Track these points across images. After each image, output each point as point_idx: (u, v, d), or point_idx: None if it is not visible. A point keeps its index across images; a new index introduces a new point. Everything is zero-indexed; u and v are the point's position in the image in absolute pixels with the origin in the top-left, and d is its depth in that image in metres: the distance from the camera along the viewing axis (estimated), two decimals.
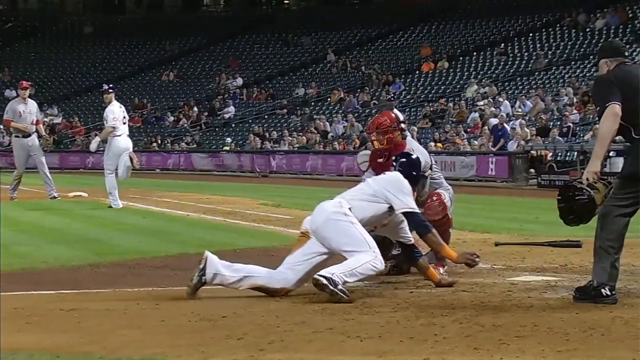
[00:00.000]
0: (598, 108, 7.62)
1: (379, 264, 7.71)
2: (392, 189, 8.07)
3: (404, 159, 8.50)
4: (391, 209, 8.05)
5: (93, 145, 20.18)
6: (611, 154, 24.57)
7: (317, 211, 8.01)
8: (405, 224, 8.21)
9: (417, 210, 8.14)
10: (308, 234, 7.93)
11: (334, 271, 7.51)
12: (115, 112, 17.69)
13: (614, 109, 7.31)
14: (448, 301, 7.51)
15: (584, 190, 7.37)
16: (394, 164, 8.54)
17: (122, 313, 7.01)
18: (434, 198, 8.97)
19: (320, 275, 7.46)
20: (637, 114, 7.36)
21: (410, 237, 8.33)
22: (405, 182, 8.17)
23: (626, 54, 7.95)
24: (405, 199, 8.05)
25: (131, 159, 17.50)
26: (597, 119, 7.82)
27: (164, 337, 6.18)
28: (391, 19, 54.21)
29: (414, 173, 8.35)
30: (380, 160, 8.96)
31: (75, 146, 48.86)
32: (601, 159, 7.43)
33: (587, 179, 7.37)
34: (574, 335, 6.08)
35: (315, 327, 6.45)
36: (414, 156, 8.56)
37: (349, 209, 7.88)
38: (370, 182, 8.28)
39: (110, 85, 18.85)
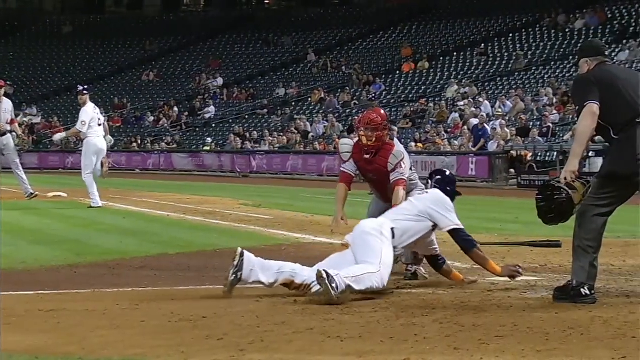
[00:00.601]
0: (577, 107, 7.65)
1: (379, 281, 7.63)
2: (437, 208, 8.13)
3: (439, 177, 8.52)
4: (434, 226, 8.10)
5: (56, 137, 21.71)
6: (590, 154, 24.73)
7: (357, 226, 8.09)
8: (434, 237, 8.25)
9: (461, 226, 8.18)
10: (347, 245, 7.98)
11: (338, 273, 7.51)
12: (88, 114, 17.91)
13: (592, 108, 7.34)
14: (428, 301, 7.52)
15: (562, 190, 7.40)
16: (429, 181, 8.51)
17: (102, 314, 6.99)
18: None
19: (325, 270, 7.46)
20: (615, 113, 7.39)
21: (437, 247, 8.46)
22: (448, 199, 8.26)
23: (606, 53, 8.00)
24: (450, 217, 8.14)
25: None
26: (576, 119, 7.85)
27: (144, 338, 6.16)
28: (372, 19, 54.27)
29: (451, 189, 8.42)
30: (367, 156, 8.89)
31: (55, 146, 48.61)
32: (579, 157, 7.45)
33: (565, 178, 7.40)
34: (553, 335, 6.10)
35: (296, 327, 6.45)
36: (447, 172, 8.58)
37: (392, 229, 7.91)
38: (414, 201, 8.27)
39: (85, 87, 19.12)
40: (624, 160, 7.32)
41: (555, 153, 27.93)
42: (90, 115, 17.90)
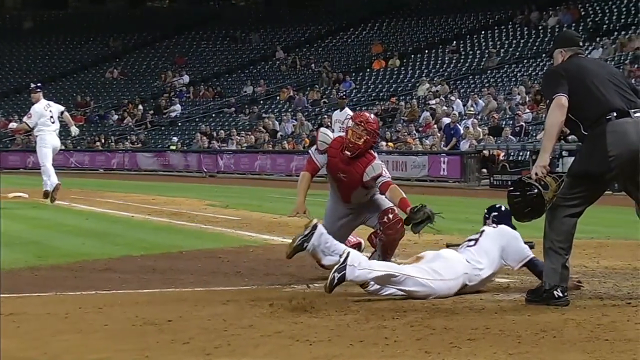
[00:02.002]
0: (547, 100, 7.65)
1: (426, 291, 7.68)
2: (511, 243, 8.11)
3: (496, 213, 8.45)
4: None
5: (11, 125, 24.14)
6: (564, 153, 24.89)
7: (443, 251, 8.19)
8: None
9: (531, 255, 8.13)
10: (422, 258, 8.05)
11: (361, 261, 7.64)
12: (36, 111, 18.75)
13: (560, 101, 7.34)
14: (399, 304, 7.53)
15: (533, 186, 7.39)
16: (487, 215, 8.46)
17: (64, 317, 6.96)
18: (390, 216, 8.84)
19: (348, 257, 7.55)
20: (585, 109, 7.39)
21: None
22: (514, 233, 8.23)
23: (580, 43, 7.96)
24: (522, 250, 8.10)
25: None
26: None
27: (108, 342, 6.14)
28: (342, 16, 54.33)
29: (510, 224, 8.38)
30: (349, 154, 8.79)
31: (15, 145, 48.31)
32: (549, 152, 7.46)
33: (536, 174, 7.40)
34: (525, 338, 6.14)
35: (263, 330, 6.45)
36: (498, 206, 8.51)
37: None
38: (489, 243, 8.13)
39: (38, 85, 20.14)
40: (594, 159, 7.33)
41: (528, 152, 28.07)
42: (40, 112, 18.70)
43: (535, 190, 7.35)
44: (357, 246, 9.35)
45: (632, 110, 7.37)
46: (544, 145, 7.54)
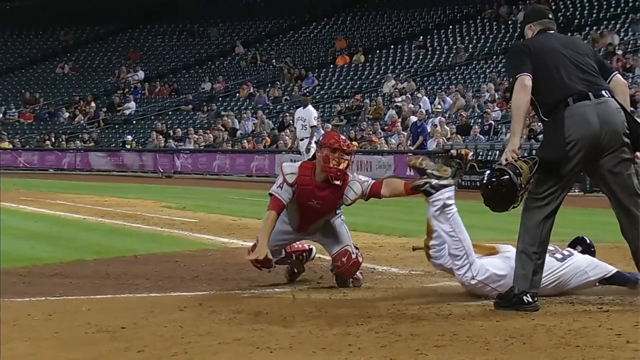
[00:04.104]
0: (510, 79, 7.61)
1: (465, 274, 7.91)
2: (594, 271, 8.10)
3: (580, 245, 8.43)
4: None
5: None
6: (534, 152, 25.04)
7: None
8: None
9: (613, 270, 8.14)
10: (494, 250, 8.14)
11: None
12: None
13: (523, 81, 7.32)
14: (364, 309, 7.55)
15: (504, 171, 7.33)
16: (570, 248, 8.39)
17: (12, 325, 6.91)
18: (344, 260, 8.63)
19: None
20: (543, 92, 7.36)
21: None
22: (593, 259, 8.24)
23: (550, 16, 7.83)
24: (600, 271, 8.13)
25: None
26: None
27: (58, 351, 6.11)
28: (304, 10, 54.38)
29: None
30: (337, 182, 8.51)
31: None
32: (518, 135, 7.40)
33: (507, 159, 7.40)
34: (494, 344, 6.17)
35: (222, 337, 6.44)
36: (587, 240, 8.51)
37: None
38: (576, 271, 8.06)
39: None
40: (552, 145, 7.31)
41: (498, 152, 28.22)
42: None
43: (506, 176, 7.30)
44: (308, 252, 9.27)
45: (593, 93, 7.32)
46: (512, 129, 7.50)
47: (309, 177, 8.55)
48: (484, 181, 7.47)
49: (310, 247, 9.25)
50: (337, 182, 8.51)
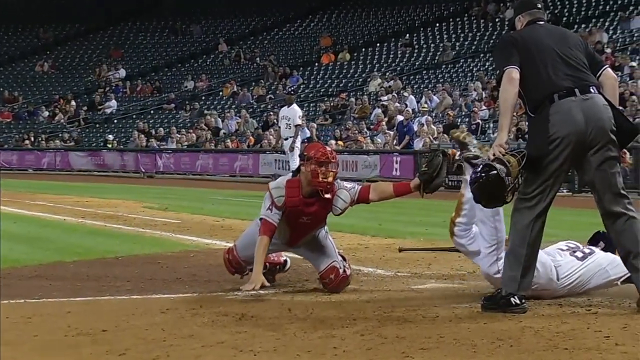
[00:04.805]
0: (497, 72, 7.60)
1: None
2: (615, 270, 8.09)
3: (603, 241, 8.43)
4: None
5: None
6: None
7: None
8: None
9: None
10: None
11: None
12: None
13: (511, 74, 7.32)
14: (349, 311, 7.56)
15: (491, 166, 7.32)
16: (595, 246, 8.41)
17: None
18: (332, 277, 8.58)
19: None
20: (530, 87, 7.37)
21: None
22: (615, 256, 8.22)
23: (540, 5, 7.81)
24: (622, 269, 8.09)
25: None
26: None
27: (37, 355, 6.10)
28: (289, 7, 54.36)
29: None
30: (328, 195, 8.48)
31: None
32: (506, 130, 7.37)
33: (494, 154, 7.39)
34: (481, 347, 6.18)
35: (205, 340, 6.44)
36: (604, 232, 8.52)
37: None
38: (596, 270, 8.11)
39: None
40: (537, 142, 7.31)
41: None
42: None
43: (494, 171, 7.28)
44: (282, 265, 9.24)
45: (579, 89, 7.31)
46: (500, 123, 7.50)
47: (297, 198, 8.49)
48: (473, 177, 7.48)
49: (286, 259, 9.28)
50: (327, 195, 8.49)
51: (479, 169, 7.46)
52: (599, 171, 7.36)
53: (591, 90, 7.39)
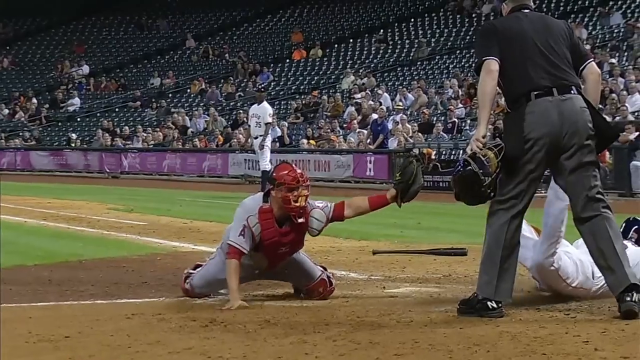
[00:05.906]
0: (477, 60, 7.56)
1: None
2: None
3: (637, 231, 8.48)
4: None
5: None
6: None
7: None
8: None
9: None
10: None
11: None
12: None
13: (489, 65, 7.30)
14: (321, 316, 7.56)
15: (468, 162, 7.30)
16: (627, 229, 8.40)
17: None
18: (320, 290, 8.53)
19: None
20: (505, 83, 7.36)
21: None
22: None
23: None
24: None
25: None
26: None
27: None
28: (259, 1, 54.29)
29: None
30: (302, 220, 8.36)
31: None
32: (484, 124, 7.38)
33: (472, 149, 7.37)
34: (457, 353, 6.20)
35: (172, 347, 6.43)
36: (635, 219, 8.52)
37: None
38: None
39: None
40: (511, 142, 7.30)
41: (461, 151, 28.37)
42: None
43: (469, 167, 7.26)
44: None
45: (557, 89, 7.30)
46: (478, 117, 7.49)
47: (272, 229, 8.34)
48: (453, 174, 7.48)
49: None
50: (301, 220, 8.39)
51: (458, 165, 7.46)
52: (573, 175, 7.34)
53: (570, 91, 7.39)
